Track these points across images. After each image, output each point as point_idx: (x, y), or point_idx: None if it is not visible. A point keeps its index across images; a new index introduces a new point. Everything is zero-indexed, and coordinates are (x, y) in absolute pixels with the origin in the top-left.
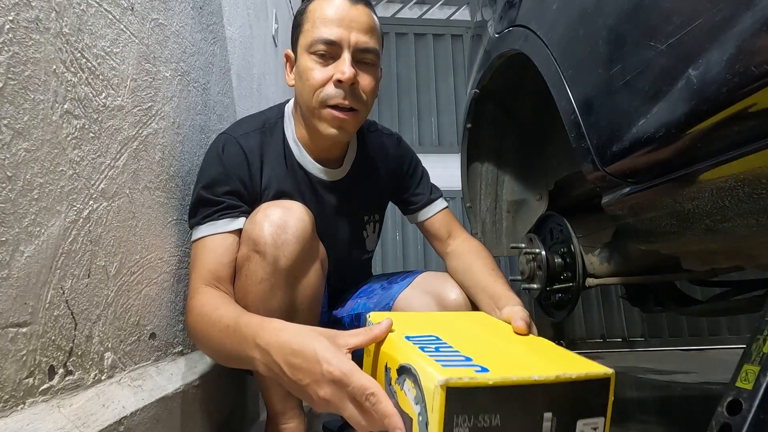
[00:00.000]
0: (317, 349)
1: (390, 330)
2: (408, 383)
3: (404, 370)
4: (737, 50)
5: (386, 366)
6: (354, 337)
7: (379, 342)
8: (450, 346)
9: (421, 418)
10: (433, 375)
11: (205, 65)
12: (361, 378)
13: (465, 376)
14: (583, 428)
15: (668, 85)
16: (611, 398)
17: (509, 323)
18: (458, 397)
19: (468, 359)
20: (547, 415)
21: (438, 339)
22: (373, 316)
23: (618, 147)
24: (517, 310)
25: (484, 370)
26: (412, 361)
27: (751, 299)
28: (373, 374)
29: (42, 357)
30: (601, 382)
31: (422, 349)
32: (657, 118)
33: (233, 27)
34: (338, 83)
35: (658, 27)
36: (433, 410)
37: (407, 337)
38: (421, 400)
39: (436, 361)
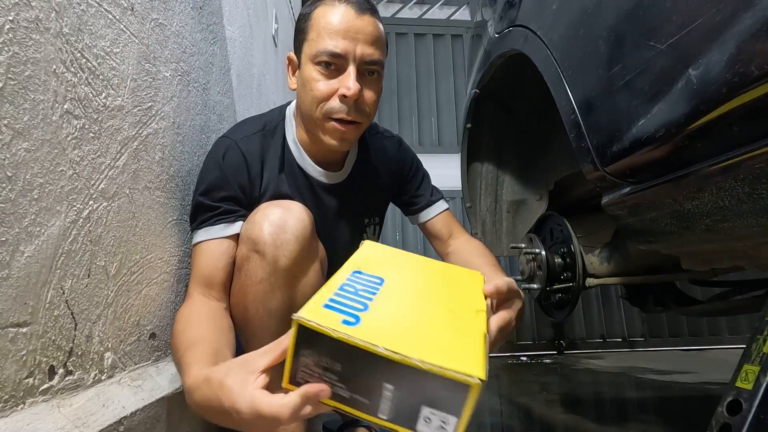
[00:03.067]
0: (221, 395)
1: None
2: None
3: None
4: (737, 50)
5: None
6: (264, 357)
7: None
8: (373, 293)
9: None
10: (302, 308)
11: (205, 65)
12: (264, 405)
13: (323, 322)
14: (430, 416)
15: (668, 85)
16: (470, 404)
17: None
18: (306, 334)
19: (365, 308)
20: (388, 386)
21: (379, 282)
22: (307, 315)
23: (618, 147)
24: (498, 279)
25: (354, 323)
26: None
27: (751, 299)
28: None
29: (42, 357)
30: (459, 386)
31: (342, 287)
32: (657, 118)
33: (233, 27)
34: (343, 98)
35: (658, 27)
36: (290, 336)
37: (355, 272)
38: None
39: (330, 300)
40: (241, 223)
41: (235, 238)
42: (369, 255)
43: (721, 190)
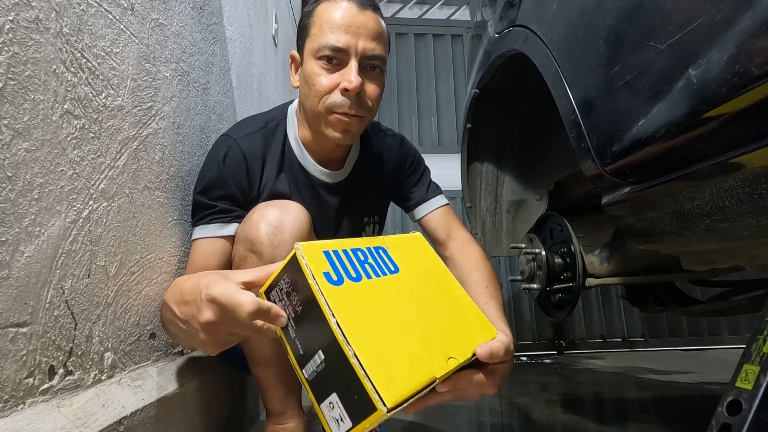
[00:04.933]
0: (200, 280)
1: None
2: None
3: None
4: (737, 50)
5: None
6: (246, 274)
7: None
8: (377, 274)
9: None
10: (309, 242)
11: (205, 65)
12: (237, 294)
13: (310, 263)
14: (335, 403)
15: (668, 85)
16: (368, 423)
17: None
18: (294, 265)
19: (357, 279)
20: (321, 354)
21: (392, 271)
22: (303, 247)
23: (618, 147)
24: (495, 343)
25: (334, 282)
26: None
27: (751, 299)
28: None
29: (42, 357)
30: (367, 400)
31: (355, 250)
32: (657, 118)
33: (233, 27)
34: (345, 92)
35: (658, 27)
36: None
37: (379, 248)
38: None
39: (334, 252)
40: (236, 224)
41: (230, 239)
42: (409, 244)
43: (721, 190)
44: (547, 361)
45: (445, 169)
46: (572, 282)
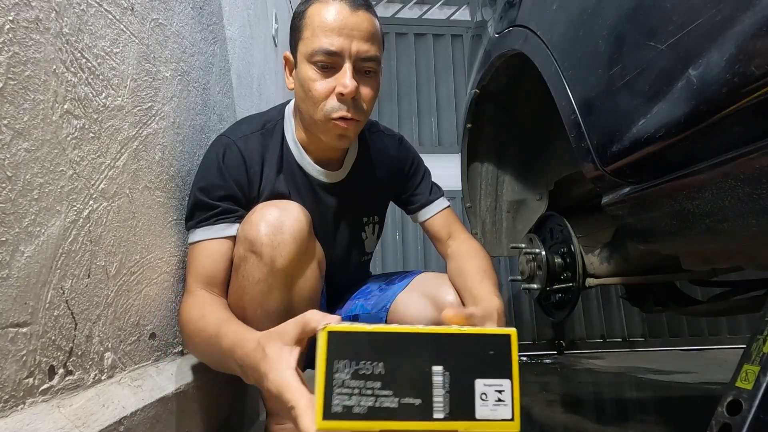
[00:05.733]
0: (261, 367)
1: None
2: None
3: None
4: (737, 50)
5: None
6: (294, 329)
7: None
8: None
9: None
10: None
11: (205, 65)
12: (288, 391)
13: (350, 327)
14: (485, 389)
15: (668, 86)
16: (515, 358)
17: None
18: (338, 341)
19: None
20: (437, 368)
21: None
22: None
23: (618, 147)
24: (488, 310)
25: (377, 324)
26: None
27: (751, 299)
28: None
29: (42, 357)
30: (500, 339)
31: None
32: (657, 118)
33: (233, 27)
34: (341, 96)
35: (658, 27)
36: (317, 356)
37: None
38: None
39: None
40: (239, 225)
41: (234, 239)
42: None
43: (721, 190)
44: (547, 361)
45: (445, 169)
46: (572, 282)
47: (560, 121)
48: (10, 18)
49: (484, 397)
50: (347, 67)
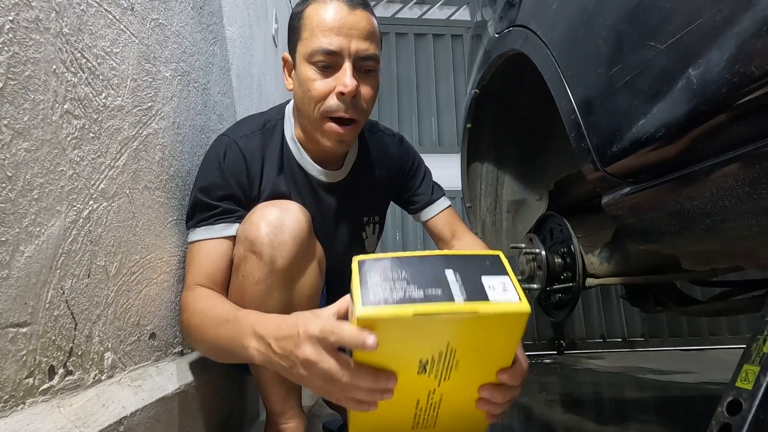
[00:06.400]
0: (298, 318)
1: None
2: None
3: None
4: (737, 50)
5: None
6: (331, 308)
7: None
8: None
9: None
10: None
11: (205, 65)
12: (327, 323)
13: (372, 255)
14: (491, 282)
15: (668, 86)
16: (509, 269)
17: None
18: (367, 265)
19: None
20: (449, 271)
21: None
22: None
23: (618, 147)
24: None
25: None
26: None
27: (751, 299)
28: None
29: (42, 357)
30: (492, 256)
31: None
32: (657, 118)
33: (233, 27)
34: (340, 95)
35: (658, 27)
36: (352, 281)
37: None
38: None
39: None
40: (239, 225)
41: (233, 239)
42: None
43: (721, 190)
44: (547, 361)
45: (445, 169)
46: (572, 282)
47: (560, 121)
48: (10, 18)
49: (492, 287)
50: (347, 66)
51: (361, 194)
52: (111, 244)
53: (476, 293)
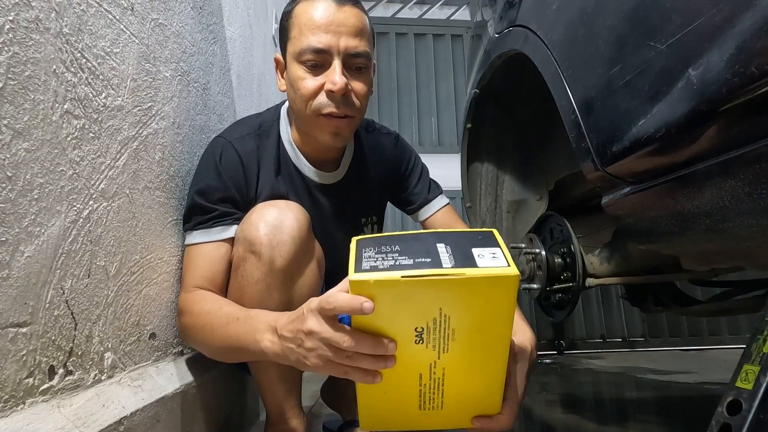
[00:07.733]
0: (305, 304)
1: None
2: None
3: None
4: (737, 50)
5: None
6: (335, 289)
7: None
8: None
9: None
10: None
11: (205, 65)
12: (324, 295)
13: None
14: (481, 252)
15: (668, 85)
16: (501, 240)
17: None
18: (363, 242)
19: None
20: (440, 245)
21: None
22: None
23: (618, 147)
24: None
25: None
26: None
27: (751, 299)
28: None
29: (42, 357)
30: (486, 233)
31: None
32: (657, 118)
33: (233, 27)
34: (330, 93)
35: (658, 27)
36: (350, 258)
37: None
38: None
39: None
40: (237, 226)
41: (231, 241)
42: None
43: (721, 190)
44: (547, 361)
45: (445, 169)
46: (572, 282)
47: (560, 121)
48: (10, 18)
49: (481, 256)
50: (336, 63)
51: (358, 195)
52: (111, 244)
53: (465, 260)
